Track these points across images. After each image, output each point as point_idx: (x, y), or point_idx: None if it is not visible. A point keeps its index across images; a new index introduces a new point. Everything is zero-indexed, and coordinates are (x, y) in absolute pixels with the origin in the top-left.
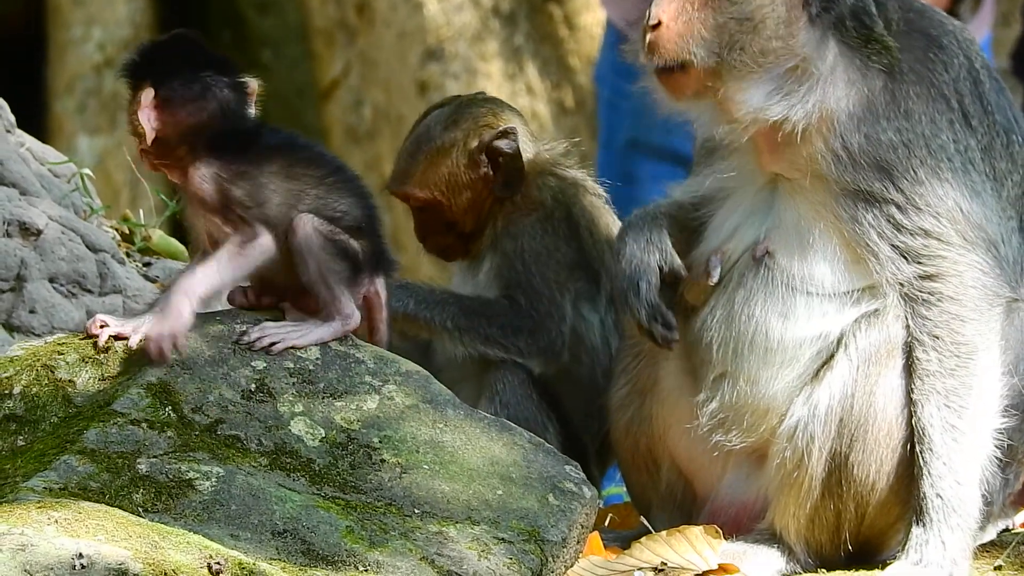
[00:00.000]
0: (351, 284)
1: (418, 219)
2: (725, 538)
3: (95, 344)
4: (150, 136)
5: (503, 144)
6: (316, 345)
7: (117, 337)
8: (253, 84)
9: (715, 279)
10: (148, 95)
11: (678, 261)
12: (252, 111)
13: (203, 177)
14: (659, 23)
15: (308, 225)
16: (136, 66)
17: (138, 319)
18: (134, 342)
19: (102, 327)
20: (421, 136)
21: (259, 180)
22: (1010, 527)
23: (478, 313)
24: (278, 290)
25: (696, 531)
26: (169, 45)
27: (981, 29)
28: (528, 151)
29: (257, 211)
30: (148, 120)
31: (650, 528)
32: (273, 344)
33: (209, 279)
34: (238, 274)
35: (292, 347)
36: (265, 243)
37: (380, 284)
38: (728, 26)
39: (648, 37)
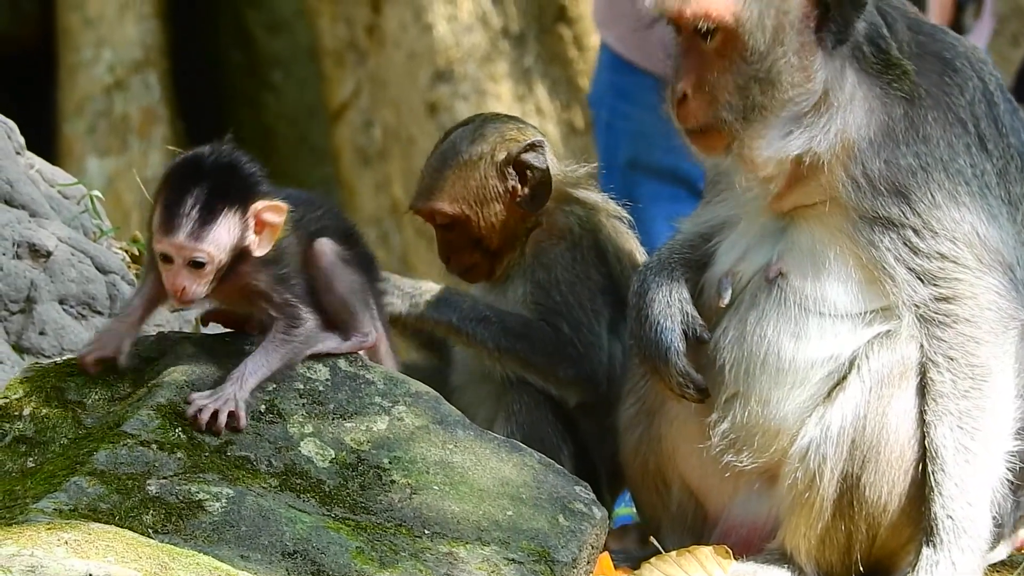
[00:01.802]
0: (366, 302)
1: (442, 238)
2: (735, 558)
3: (87, 368)
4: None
5: (531, 157)
6: (332, 354)
7: (103, 360)
8: None
9: (726, 301)
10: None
11: (700, 322)
12: None
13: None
14: (684, 95)
15: (329, 249)
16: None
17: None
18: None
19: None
20: (447, 152)
21: None
22: (1020, 547)
23: (521, 336)
24: (240, 323)
25: (706, 551)
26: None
27: (979, 39)
28: (554, 168)
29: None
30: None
31: (660, 548)
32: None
33: (259, 371)
34: (286, 361)
35: (316, 353)
36: (310, 327)
37: (381, 323)
38: (748, 87)
39: (677, 110)
